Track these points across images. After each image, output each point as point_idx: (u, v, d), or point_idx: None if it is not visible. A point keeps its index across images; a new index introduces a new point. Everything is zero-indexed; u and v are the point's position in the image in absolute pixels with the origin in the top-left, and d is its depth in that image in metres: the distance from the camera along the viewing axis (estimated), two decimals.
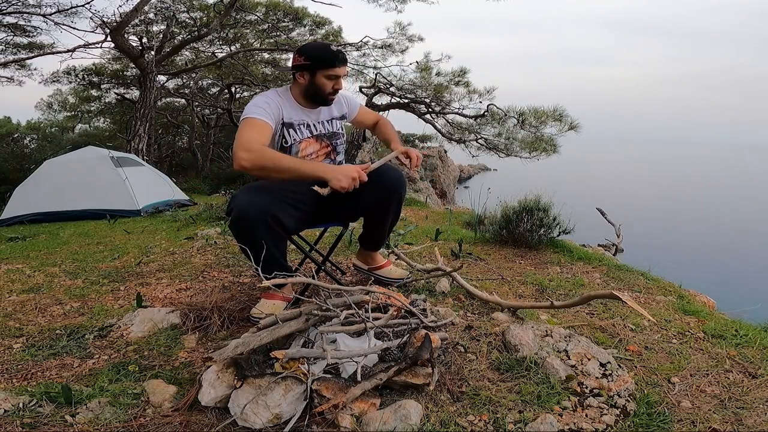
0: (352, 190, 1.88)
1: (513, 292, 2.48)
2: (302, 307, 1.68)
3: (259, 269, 1.63)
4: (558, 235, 3.46)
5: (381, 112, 10.73)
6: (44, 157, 10.70)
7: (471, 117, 10.11)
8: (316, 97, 2.13)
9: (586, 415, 1.39)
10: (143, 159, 9.26)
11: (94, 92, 16.22)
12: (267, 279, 1.56)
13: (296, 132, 2.13)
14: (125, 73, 14.61)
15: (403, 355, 1.52)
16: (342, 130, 2.34)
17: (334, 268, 2.66)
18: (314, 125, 2.19)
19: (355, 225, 3.65)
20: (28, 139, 17.79)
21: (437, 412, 1.40)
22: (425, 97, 10.46)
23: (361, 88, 11.24)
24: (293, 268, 2.23)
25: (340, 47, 2.16)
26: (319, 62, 2.05)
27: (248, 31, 12.99)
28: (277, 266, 1.95)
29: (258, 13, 12.00)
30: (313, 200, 2.06)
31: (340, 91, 2.19)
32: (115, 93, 15.65)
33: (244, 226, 1.89)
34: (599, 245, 8.01)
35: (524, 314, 2.10)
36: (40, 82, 13.84)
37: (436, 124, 10.64)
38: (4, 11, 10.29)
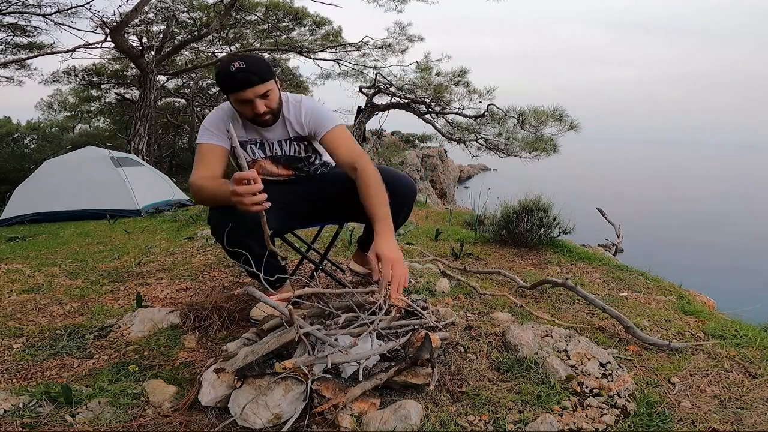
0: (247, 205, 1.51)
1: (513, 291, 2.48)
2: (305, 310, 1.68)
3: (257, 271, 1.63)
4: (558, 235, 3.46)
5: (381, 113, 10.73)
6: (44, 157, 10.70)
7: (471, 117, 10.12)
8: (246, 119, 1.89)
9: (586, 415, 1.39)
10: (143, 159, 9.28)
11: (94, 92, 16.23)
12: (269, 281, 1.56)
13: (249, 152, 1.95)
14: (125, 73, 14.62)
15: (403, 354, 1.52)
16: (309, 152, 2.05)
17: (333, 267, 2.65)
18: (269, 145, 1.97)
19: (356, 225, 3.65)
20: (28, 139, 17.80)
21: (437, 412, 1.40)
22: (425, 97, 10.45)
23: (361, 88, 11.27)
24: (286, 265, 2.20)
25: (242, 64, 1.71)
26: (223, 89, 1.80)
27: (248, 31, 13.00)
28: (271, 268, 1.94)
29: (258, 13, 12.01)
30: (303, 199, 2.02)
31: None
32: (115, 93, 15.66)
33: (226, 235, 1.74)
34: (599, 245, 8.01)
35: (524, 314, 2.10)
36: (40, 82, 13.87)
37: (436, 124, 10.64)
38: (4, 11, 10.30)
